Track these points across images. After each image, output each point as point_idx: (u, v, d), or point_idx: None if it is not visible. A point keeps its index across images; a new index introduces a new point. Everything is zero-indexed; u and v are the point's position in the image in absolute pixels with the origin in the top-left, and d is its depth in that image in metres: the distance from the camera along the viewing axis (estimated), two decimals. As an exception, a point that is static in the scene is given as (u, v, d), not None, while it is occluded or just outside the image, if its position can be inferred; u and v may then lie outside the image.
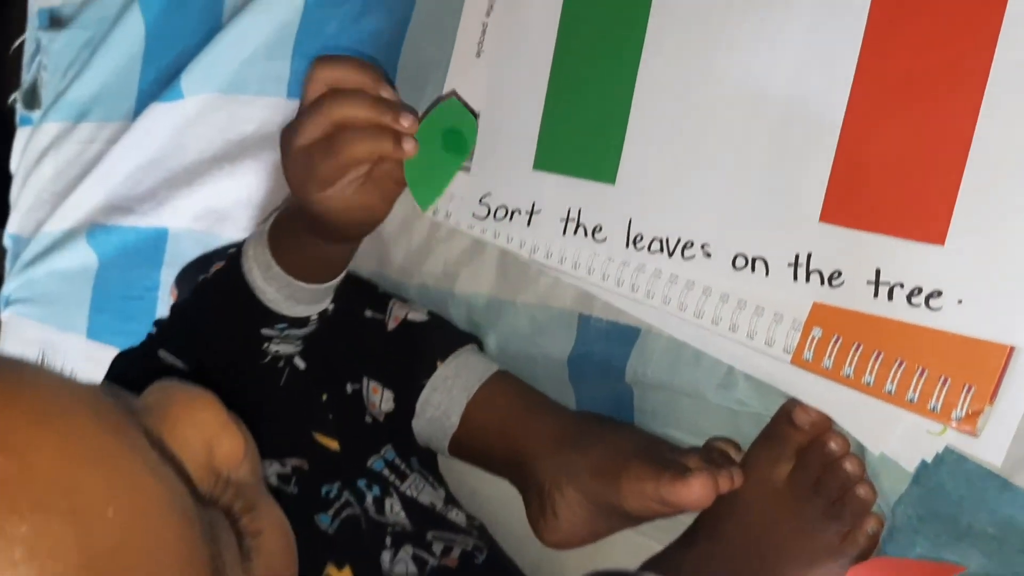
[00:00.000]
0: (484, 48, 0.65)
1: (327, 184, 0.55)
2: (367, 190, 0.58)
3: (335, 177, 0.55)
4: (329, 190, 0.55)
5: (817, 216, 0.52)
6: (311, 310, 0.64)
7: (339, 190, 0.56)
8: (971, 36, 0.47)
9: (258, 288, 0.61)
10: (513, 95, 0.64)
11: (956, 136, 0.47)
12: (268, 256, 0.61)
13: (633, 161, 0.59)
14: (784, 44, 0.53)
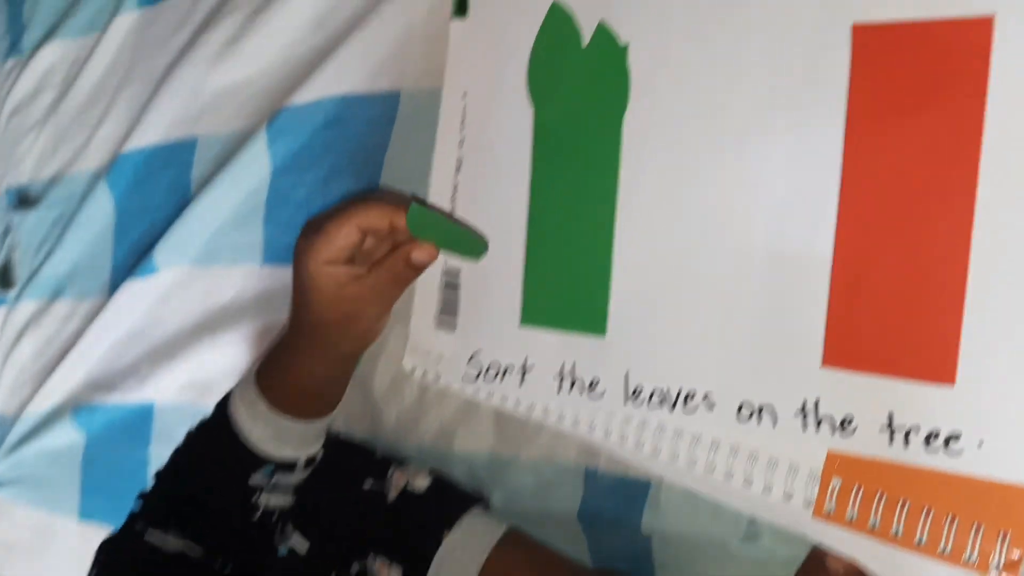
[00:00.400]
0: (457, 207, 0.64)
1: (338, 260, 0.57)
2: (376, 276, 0.58)
3: (347, 249, 0.57)
4: (339, 268, 0.57)
5: (819, 361, 0.50)
6: (299, 452, 0.63)
7: (349, 270, 0.57)
8: (951, 160, 0.46)
9: (244, 429, 0.61)
10: (492, 252, 0.62)
11: (951, 267, 0.46)
12: (255, 393, 0.61)
13: (622, 311, 0.57)
14: (762, 184, 0.52)
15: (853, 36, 0.48)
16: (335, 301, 0.58)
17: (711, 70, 0.53)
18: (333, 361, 0.62)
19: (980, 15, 0.45)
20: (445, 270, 0.65)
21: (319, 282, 0.58)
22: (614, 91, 0.57)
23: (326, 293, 0.58)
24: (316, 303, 0.58)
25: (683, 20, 0.54)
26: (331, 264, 0.57)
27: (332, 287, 0.58)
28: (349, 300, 0.58)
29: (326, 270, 0.57)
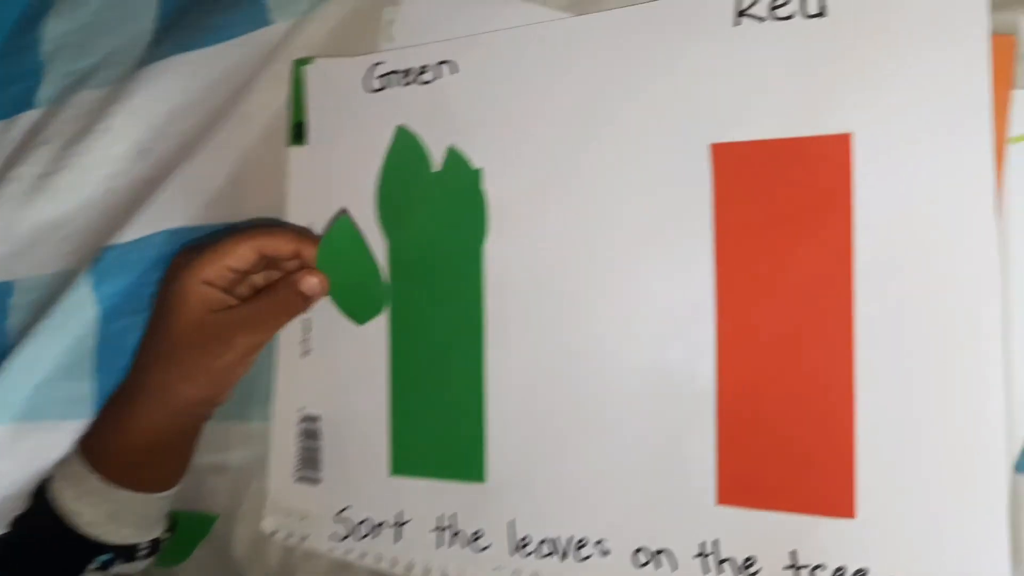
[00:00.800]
0: (311, 346, 0.58)
1: (218, 283, 0.51)
2: (257, 303, 0.53)
3: (236, 271, 0.52)
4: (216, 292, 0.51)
5: (714, 499, 0.47)
6: (140, 535, 0.55)
7: (225, 298, 0.52)
8: (825, 278, 0.45)
9: (71, 511, 0.52)
10: (354, 396, 0.57)
11: (836, 392, 0.44)
12: (81, 467, 0.53)
13: (501, 456, 0.53)
14: (636, 314, 0.49)
15: (713, 155, 0.47)
16: (201, 325, 0.51)
17: (571, 194, 0.50)
18: (181, 410, 0.53)
19: (838, 132, 0.44)
20: (303, 417, 0.59)
21: (189, 301, 0.51)
22: (471, 218, 0.53)
23: (194, 314, 0.51)
24: (179, 326, 0.51)
25: (537, 144, 0.51)
26: (208, 285, 0.51)
27: (200, 309, 0.51)
28: (219, 325, 0.52)
29: (201, 290, 0.51)
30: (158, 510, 0.56)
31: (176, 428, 0.54)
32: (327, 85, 0.58)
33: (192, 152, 0.64)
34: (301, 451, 0.59)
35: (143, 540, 0.55)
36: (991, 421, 0.41)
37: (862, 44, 0.43)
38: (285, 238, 0.53)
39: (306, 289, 0.54)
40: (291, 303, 0.54)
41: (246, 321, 0.52)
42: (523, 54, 0.51)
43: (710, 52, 0.46)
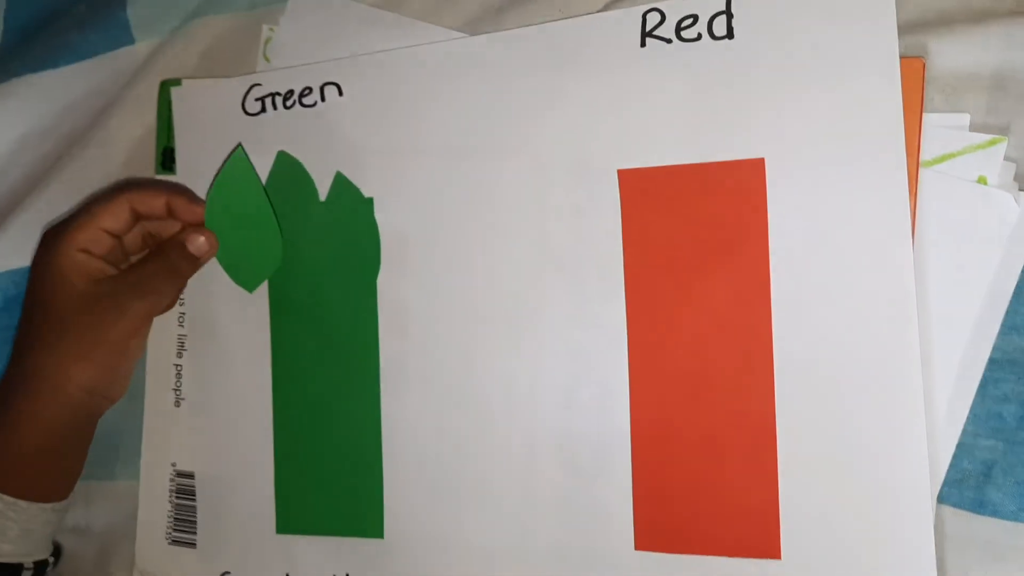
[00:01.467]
0: (183, 395, 0.53)
1: (96, 250, 0.47)
2: (142, 268, 0.48)
3: (112, 234, 0.47)
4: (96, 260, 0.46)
5: (631, 544, 0.44)
6: (24, 553, 0.47)
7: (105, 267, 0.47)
8: (743, 318, 0.42)
9: None
10: (234, 448, 0.52)
11: (760, 433, 0.42)
12: None
13: (400, 510, 0.48)
14: (544, 353, 0.46)
15: (620, 181, 0.44)
16: (86, 296, 0.46)
17: (470, 224, 0.47)
18: (74, 400, 0.46)
19: (751, 157, 0.42)
20: (175, 473, 0.53)
21: (67, 272, 0.46)
22: (364, 250, 0.49)
23: (76, 286, 0.46)
24: (62, 299, 0.46)
25: (432, 171, 0.48)
26: (86, 253, 0.46)
27: (82, 280, 0.46)
28: (107, 293, 0.46)
29: (78, 258, 0.46)
30: (45, 524, 0.48)
31: (69, 423, 0.47)
32: (199, 108, 0.53)
33: (41, 183, 0.58)
34: (174, 511, 0.53)
35: (27, 560, 0.48)
36: (914, 453, 0.39)
37: (771, 67, 0.42)
38: (155, 191, 0.49)
39: (194, 249, 0.49)
40: (179, 265, 0.49)
41: (136, 285, 0.47)
42: (415, 76, 0.48)
43: (617, 74, 0.44)
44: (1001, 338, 0.39)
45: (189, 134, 0.53)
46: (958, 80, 0.40)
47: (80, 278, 0.46)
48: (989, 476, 0.39)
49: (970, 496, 0.40)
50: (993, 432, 0.39)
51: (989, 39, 0.39)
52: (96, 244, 0.47)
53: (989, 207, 0.39)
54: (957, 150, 0.40)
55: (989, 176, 0.39)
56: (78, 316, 0.46)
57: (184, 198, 0.49)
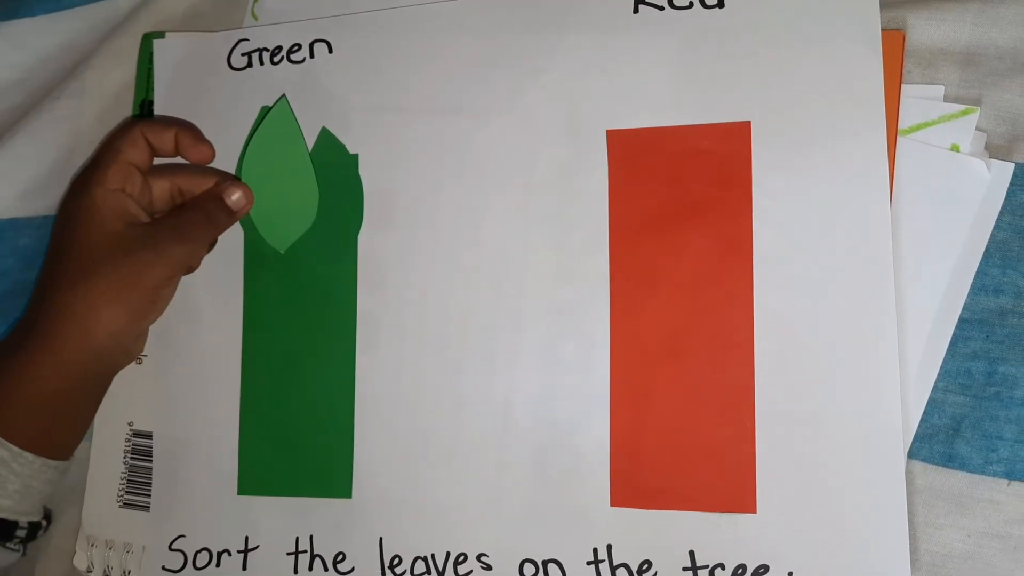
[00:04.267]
0: (146, 352, 0.51)
1: (131, 189, 0.46)
2: (178, 215, 0.47)
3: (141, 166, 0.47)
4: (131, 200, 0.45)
5: (607, 500, 0.44)
6: (21, 510, 0.45)
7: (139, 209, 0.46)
8: (725, 277, 0.44)
9: None
10: (196, 406, 0.50)
11: (739, 390, 0.43)
12: None
13: (370, 469, 0.47)
14: (524, 309, 0.46)
15: (608, 142, 0.45)
16: (122, 236, 0.44)
17: (454, 183, 0.47)
18: (101, 345, 0.44)
19: (737, 120, 0.44)
20: (132, 434, 0.51)
21: (103, 211, 0.44)
22: (347, 206, 0.49)
23: (112, 225, 0.44)
24: (97, 237, 0.44)
25: (418, 130, 0.48)
26: (121, 192, 0.45)
27: (117, 220, 0.45)
28: (144, 235, 0.45)
29: (116, 198, 0.45)
30: (45, 483, 0.46)
31: (89, 372, 0.45)
32: (181, 61, 0.52)
33: (9, 135, 0.56)
34: (128, 472, 0.51)
35: (23, 519, 0.45)
36: (888, 410, 0.41)
37: (759, 36, 0.44)
38: (164, 124, 0.48)
39: (232, 202, 0.48)
40: (215, 216, 0.48)
41: (175, 229, 0.46)
42: (406, 35, 0.49)
43: (608, 38, 0.46)
44: (971, 298, 0.41)
45: (169, 87, 0.52)
46: (933, 54, 0.42)
47: (116, 219, 0.45)
48: (958, 431, 0.41)
49: (939, 450, 0.41)
50: (962, 389, 0.41)
51: (964, 15, 0.42)
52: (129, 182, 0.46)
53: (962, 174, 0.41)
54: (932, 119, 0.42)
55: (962, 144, 0.41)
56: (114, 256, 0.44)
57: (191, 135, 0.49)
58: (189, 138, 0.48)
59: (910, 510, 0.41)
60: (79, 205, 0.45)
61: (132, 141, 0.47)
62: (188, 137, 0.48)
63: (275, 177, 0.49)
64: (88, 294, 0.44)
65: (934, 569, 0.40)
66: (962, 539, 0.40)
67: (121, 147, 0.46)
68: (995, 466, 0.40)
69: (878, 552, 0.40)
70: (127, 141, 0.47)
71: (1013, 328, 0.40)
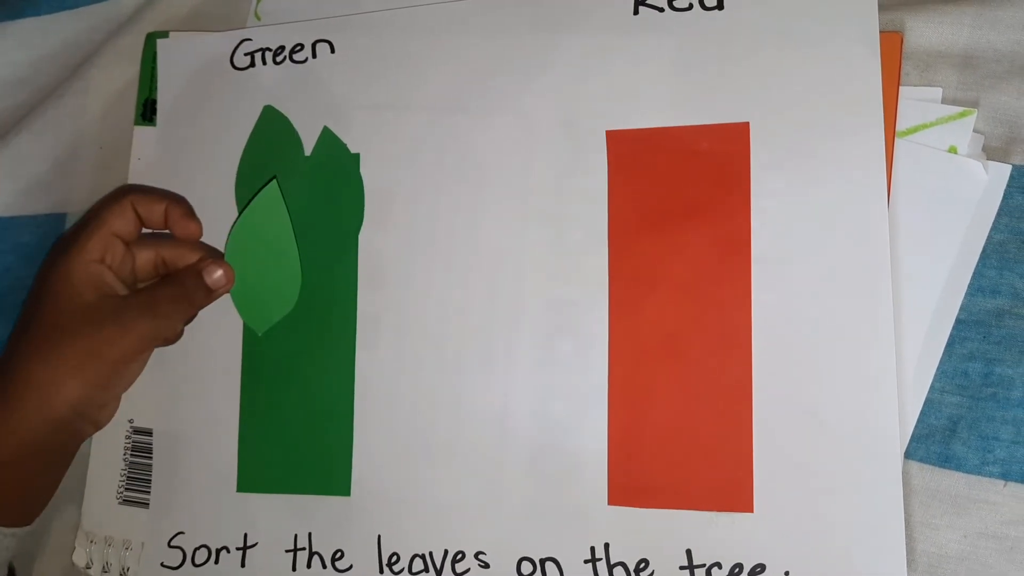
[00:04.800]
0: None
1: (110, 260, 0.45)
2: (154, 289, 0.46)
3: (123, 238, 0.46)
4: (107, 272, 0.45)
5: (605, 499, 0.44)
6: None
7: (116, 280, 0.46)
8: (723, 276, 0.44)
9: None
10: (196, 403, 0.51)
11: (736, 389, 0.43)
12: None
13: (369, 467, 0.48)
14: (522, 309, 0.46)
15: (607, 142, 0.45)
16: (91, 308, 0.44)
17: (454, 182, 0.48)
18: (62, 416, 0.44)
19: (736, 121, 0.44)
20: (132, 430, 0.51)
21: (76, 281, 0.44)
22: (348, 205, 0.49)
23: (84, 296, 0.44)
24: (66, 307, 0.44)
25: (419, 130, 0.48)
26: (100, 264, 0.45)
27: (90, 291, 0.44)
28: (114, 309, 0.44)
29: (90, 269, 0.44)
30: (3, 550, 0.45)
31: (48, 441, 0.44)
32: (184, 61, 0.53)
33: (12, 133, 0.56)
34: (128, 469, 0.51)
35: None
36: (885, 410, 0.41)
37: (758, 37, 0.44)
38: (156, 196, 0.48)
39: (211, 280, 0.47)
40: (194, 294, 0.47)
41: (145, 306, 0.45)
42: (408, 35, 0.49)
43: (608, 39, 0.46)
44: (968, 299, 0.41)
45: (172, 86, 0.53)
46: (931, 56, 0.43)
47: (90, 289, 0.45)
48: (954, 431, 0.41)
49: (936, 451, 0.41)
50: (959, 389, 0.41)
51: (962, 18, 0.42)
52: (109, 252, 0.46)
53: (959, 175, 0.41)
54: (930, 121, 0.42)
55: (959, 146, 0.42)
56: (80, 327, 0.44)
57: (181, 209, 0.48)
58: (178, 213, 0.48)
59: (907, 510, 0.41)
60: (56, 272, 0.45)
61: (120, 211, 0.46)
62: (178, 212, 0.48)
63: (260, 258, 0.49)
64: (50, 364, 0.43)
65: (930, 569, 0.40)
66: (958, 540, 0.40)
67: (107, 217, 0.46)
68: (991, 467, 0.40)
69: (875, 552, 0.40)
70: (115, 211, 0.46)
71: (1010, 329, 0.41)
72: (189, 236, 0.48)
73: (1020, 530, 0.39)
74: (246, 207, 0.49)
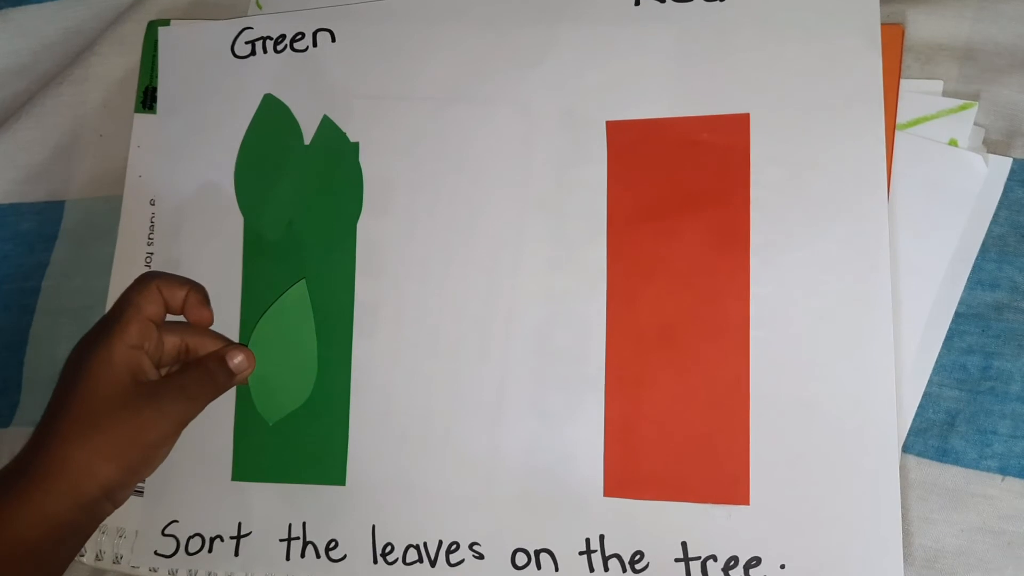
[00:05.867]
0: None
1: (144, 346, 0.45)
2: (183, 374, 0.46)
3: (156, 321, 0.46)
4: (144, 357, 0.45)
5: (600, 490, 0.44)
6: None
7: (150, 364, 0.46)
8: (721, 267, 0.44)
9: None
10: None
11: (733, 381, 0.43)
12: None
13: (364, 457, 0.47)
14: (521, 299, 0.46)
15: (607, 132, 0.45)
16: (128, 393, 0.44)
17: (453, 171, 0.48)
18: (92, 498, 0.43)
19: (737, 112, 0.44)
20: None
21: (118, 370, 0.44)
22: (347, 194, 0.49)
23: (121, 381, 0.44)
24: (103, 392, 0.44)
25: (418, 119, 0.48)
26: (138, 350, 0.45)
27: (127, 376, 0.44)
28: (152, 393, 0.45)
29: (128, 354, 0.44)
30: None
31: (74, 522, 0.44)
32: (186, 49, 0.52)
33: (12, 119, 0.57)
34: (123, 457, 0.51)
35: None
36: (883, 403, 0.41)
37: (759, 28, 0.44)
38: (179, 281, 0.48)
39: (233, 365, 0.48)
40: (217, 376, 0.47)
41: (179, 389, 0.46)
42: (409, 24, 0.49)
43: (609, 30, 0.46)
44: (967, 293, 0.41)
45: (173, 73, 0.53)
46: (933, 49, 0.42)
47: (127, 374, 0.45)
48: (953, 425, 0.41)
49: (934, 445, 0.41)
50: (957, 383, 0.41)
51: (964, 11, 0.42)
52: (147, 337, 0.46)
53: (959, 168, 0.41)
54: (931, 114, 0.42)
55: (960, 139, 0.41)
56: (118, 412, 0.44)
57: (199, 297, 0.48)
58: (196, 298, 0.48)
59: (904, 504, 0.41)
60: (96, 356, 0.45)
61: (150, 296, 0.47)
62: (196, 297, 0.48)
63: (280, 352, 0.49)
64: (87, 448, 0.43)
65: (928, 563, 0.40)
66: (955, 534, 0.40)
67: (141, 303, 0.46)
68: (989, 461, 0.40)
69: (871, 545, 0.40)
70: (145, 296, 0.46)
71: (1009, 323, 0.40)
72: (202, 321, 0.49)
73: (1017, 524, 0.39)
74: (274, 303, 0.49)
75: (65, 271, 0.55)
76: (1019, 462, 0.39)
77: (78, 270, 0.55)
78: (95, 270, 0.53)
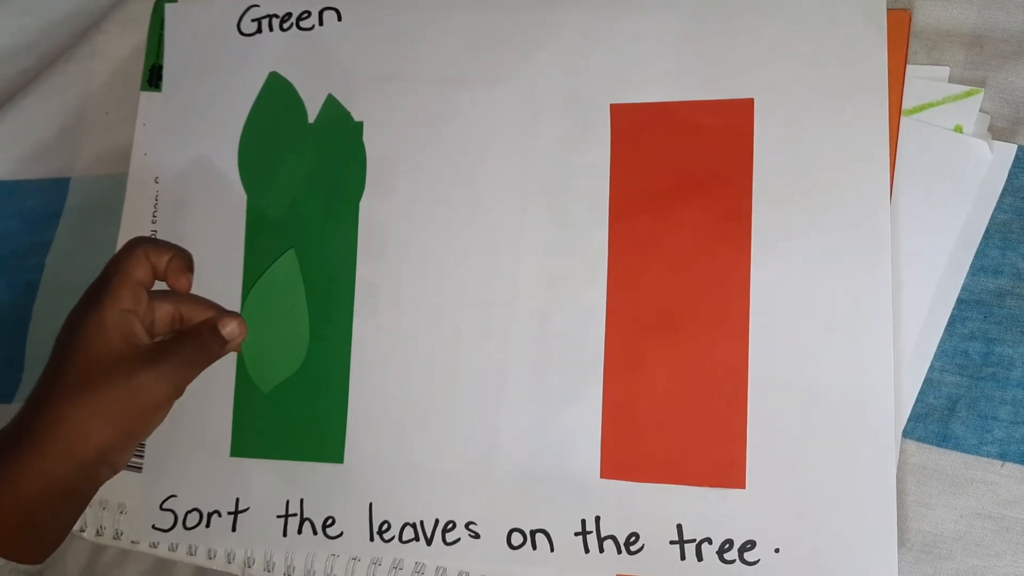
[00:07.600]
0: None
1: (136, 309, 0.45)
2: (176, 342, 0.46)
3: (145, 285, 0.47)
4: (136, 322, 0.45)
5: (597, 472, 0.44)
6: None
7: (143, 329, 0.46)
8: (723, 250, 0.44)
9: None
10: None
11: (732, 364, 0.43)
12: None
13: (362, 435, 0.47)
14: (521, 281, 0.46)
15: (611, 115, 0.45)
16: (126, 362, 0.44)
17: (457, 152, 0.48)
18: (87, 461, 0.44)
19: (741, 97, 0.44)
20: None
21: (112, 334, 0.44)
22: (350, 173, 0.49)
23: (115, 344, 0.44)
24: (98, 354, 0.44)
25: (422, 99, 0.48)
26: (131, 313, 0.45)
27: (120, 340, 0.44)
28: (147, 356, 0.45)
29: (122, 318, 0.45)
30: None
31: (71, 483, 0.44)
32: (192, 26, 0.53)
33: (19, 96, 0.57)
34: (123, 432, 0.51)
35: None
36: (880, 388, 0.40)
37: (764, 13, 0.44)
38: (163, 246, 0.48)
39: (226, 332, 0.48)
40: (209, 344, 0.47)
41: (175, 354, 0.46)
42: (415, 4, 0.49)
43: (613, 12, 0.46)
44: (970, 279, 0.41)
45: (179, 51, 0.53)
46: (939, 35, 0.42)
47: (121, 338, 0.45)
48: (953, 411, 0.41)
49: (934, 430, 0.41)
50: (959, 369, 0.41)
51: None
52: (137, 301, 0.46)
53: (964, 154, 0.41)
54: (936, 100, 0.42)
55: (965, 125, 0.41)
56: (114, 374, 0.44)
57: (180, 263, 0.48)
58: (177, 264, 0.48)
59: (903, 489, 0.40)
60: (89, 319, 0.45)
61: (137, 261, 0.46)
62: (177, 263, 0.48)
63: (272, 320, 0.49)
64: (83, 408, 0.43)
65: (926, 548, 0.40)
66: (954, 519, 0.40)
67: (129, 268, 0.46)
68: (989, 447, 0.40)
69: (865, 530, 0.40)
70: (133, 261, 0.46)
71: (1011, 309, 0.40)
72: (179, 288, 0.49)
73: (1016, 510, 0.39)
74: (265, 272, 0.49)
75: (69, 248, 0.56)
76: (1019, 448, 0.39)
77: (82, 247, 0.55)
78: (99, 247, 0.53)
